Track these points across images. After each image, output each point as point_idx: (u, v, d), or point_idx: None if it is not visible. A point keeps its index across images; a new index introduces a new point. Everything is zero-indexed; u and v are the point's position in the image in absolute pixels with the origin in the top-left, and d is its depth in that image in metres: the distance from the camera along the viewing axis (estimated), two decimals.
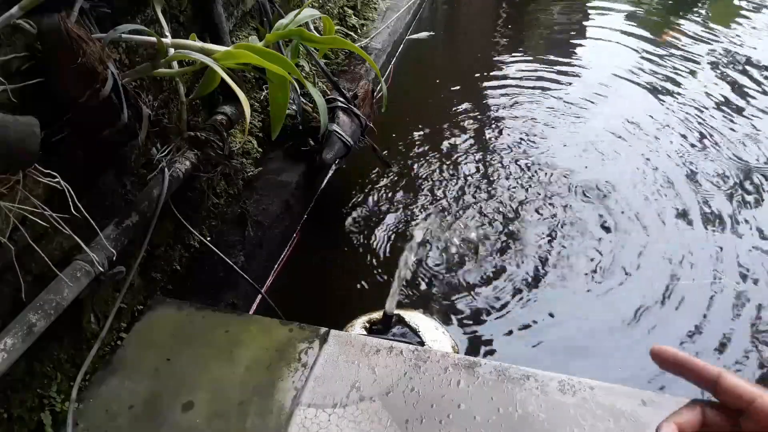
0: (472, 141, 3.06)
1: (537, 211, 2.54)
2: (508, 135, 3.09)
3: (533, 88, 3.57)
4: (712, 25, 4.37)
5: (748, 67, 3.74)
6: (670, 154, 2.90)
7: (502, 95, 3.50)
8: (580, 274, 2.24)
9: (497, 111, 3.34)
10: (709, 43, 4.09)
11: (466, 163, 2.87)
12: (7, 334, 1.12)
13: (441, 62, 4.18)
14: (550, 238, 2.40)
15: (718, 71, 3.72)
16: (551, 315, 2.08)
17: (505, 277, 2.23)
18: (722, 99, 3.39)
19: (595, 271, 2.24)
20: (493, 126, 3.19)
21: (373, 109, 2.79)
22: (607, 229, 2.44)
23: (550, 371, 1.45)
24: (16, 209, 1.11)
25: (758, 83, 3.55)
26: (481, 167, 2.84)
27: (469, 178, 2.77)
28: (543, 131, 3.11)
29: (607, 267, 2.26)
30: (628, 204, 2.57)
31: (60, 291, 1.24)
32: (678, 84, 3.56)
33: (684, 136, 3.04)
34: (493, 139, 3.07)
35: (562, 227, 2.45)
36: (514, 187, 2.69)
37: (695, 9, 4.70)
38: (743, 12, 4.62)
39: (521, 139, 3.06)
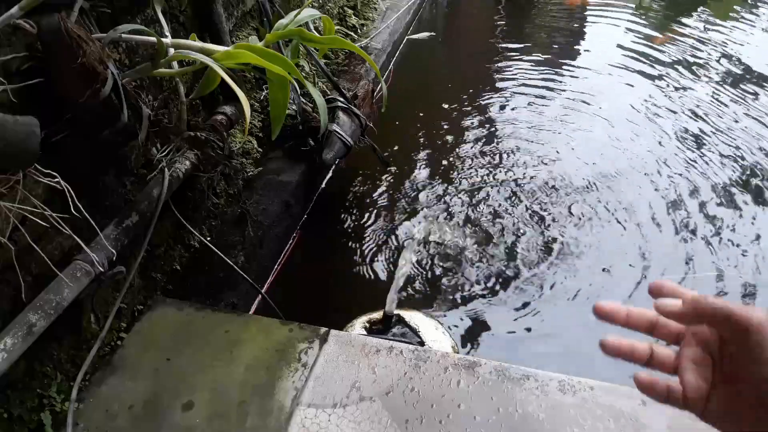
0: (471, 140, 3.05)
1: (537, 207, 2.54)
2: (509, 134, 3.09)
3: (534, 87, 3.57)
4: (711, 25, 4.37)
5: (746, 67, 3.74)
6: (667, 150, 2.92)
7: (503, 95, 3.50)
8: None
9: (497, 111, 3.34)
10: (708, 43, 4.09)
11: (465, 163, 2.87)
12: (7, 334, 1.12)
13: (441, 62, 4.18)
14: (550, 230, 2.41)
15: (718, 70, 3.72)
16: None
17: (505, 270, 2.23)
18: (721, 97, 3.39)
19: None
20: (494, 125, 3.19)
21: (373, 109, 2.79)
22: (618, 224, 2.45)
23: (549, 371, 1.46)
24: (16, 209, 1.11)
25: (757, 83, 3.55)
26: (481, 166, 2.84)
27: (469, 177, 2.76)
28: (543, 130, 3.11)
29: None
30: (629, 200, 2.58)
31: (60, 291, 1.24)
32: (677, 84, 3.57)
33: (683, 136, 3.04)
34: (492, 138, 3.07)
35: (562, 221, 2.46)
36: (515, 186, 2.68)
37: (695, 10, 4.71)
38: (744, 11, 4.62)
39: (522, 138, 3.05)
